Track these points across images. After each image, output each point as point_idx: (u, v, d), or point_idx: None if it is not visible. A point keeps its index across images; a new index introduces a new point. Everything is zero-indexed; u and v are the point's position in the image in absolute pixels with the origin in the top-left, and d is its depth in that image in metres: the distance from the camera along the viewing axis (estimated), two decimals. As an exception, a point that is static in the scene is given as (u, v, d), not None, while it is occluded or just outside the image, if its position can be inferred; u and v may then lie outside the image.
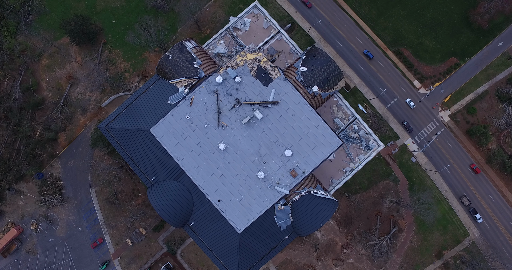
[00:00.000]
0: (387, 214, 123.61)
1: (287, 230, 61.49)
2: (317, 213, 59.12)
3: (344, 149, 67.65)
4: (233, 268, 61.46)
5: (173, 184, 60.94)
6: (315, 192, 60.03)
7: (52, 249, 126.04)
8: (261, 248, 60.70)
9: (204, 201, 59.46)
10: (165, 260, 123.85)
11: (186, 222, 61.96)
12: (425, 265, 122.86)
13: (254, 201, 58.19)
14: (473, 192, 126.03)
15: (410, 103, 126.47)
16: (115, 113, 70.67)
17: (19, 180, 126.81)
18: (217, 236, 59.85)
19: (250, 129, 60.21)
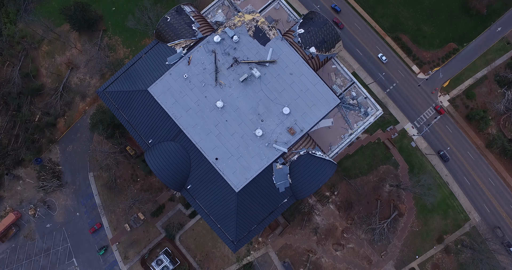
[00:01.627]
0: (387, 199, 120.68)
1: (285, 193, 59.00)
2: (316, 173, 56.68)
3: (342, 116, 65.57)
4: (231, 232, 58.83)
5: (170, 145, 58.71)
6: (314, 152, 57.73)
7: (50, 235, 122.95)
8: (259, 211, 58.12)
9: (201, 161, 57.24)
10: (163, 245, 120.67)
11: (184, 185, 59.60)
12: (426, 250, 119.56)
13: (252, 159, 55.88)
14: (473, 177, 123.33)
15: (382, 57, 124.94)
16: (113, 77, 68.72)
17: (18, 165, 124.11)
18: (215, 198, 57.36)
19: (247, 87, 58.17)
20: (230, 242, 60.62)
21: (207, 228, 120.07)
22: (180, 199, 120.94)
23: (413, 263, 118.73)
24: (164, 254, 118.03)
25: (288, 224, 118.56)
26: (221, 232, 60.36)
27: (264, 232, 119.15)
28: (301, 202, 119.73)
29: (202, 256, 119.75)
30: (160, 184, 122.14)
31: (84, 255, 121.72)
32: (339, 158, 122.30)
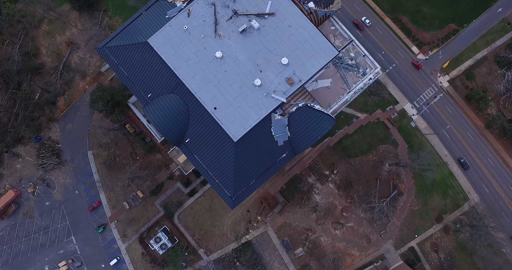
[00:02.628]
0: (386, 178, 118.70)
1: (284, 147, 57.19)
2: (314, 125, 54.88)
3: (341, 76, 63.78)
4: (229, 186, 57.06)
5: (169, 97, 57.00)
6: (312, 105, 56.01)
7: (49, 212, 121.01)
8: (257, 165, 56.34)
9: (199, 111, 55.49)
10: (162, 223, 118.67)
11: (182, 139, 57.88)
12: (425, 229, 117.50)
13: (251, 109, 54.12)
14: (472, 157, 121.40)
15: (366, 20, 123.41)
16: (113, 34, 66.98)
17: (17, 143, 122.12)
18: (213, 150, 55.60)
19: (246, 39, 56.45)
20: (228, 198, 58.88)
21: (206, 207, 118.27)
22: (179, 177, 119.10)
23: (412, 242, 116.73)
24: (162, 232, 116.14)
25: (287, 203, 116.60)
26: (219, 188, 58.57)
27: (263, 211, 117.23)
28: (300, 181, 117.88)
29: (201, 235, 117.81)
30: (159, 162, 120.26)
31: (82, 233, 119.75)
32: (338, 137, 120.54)
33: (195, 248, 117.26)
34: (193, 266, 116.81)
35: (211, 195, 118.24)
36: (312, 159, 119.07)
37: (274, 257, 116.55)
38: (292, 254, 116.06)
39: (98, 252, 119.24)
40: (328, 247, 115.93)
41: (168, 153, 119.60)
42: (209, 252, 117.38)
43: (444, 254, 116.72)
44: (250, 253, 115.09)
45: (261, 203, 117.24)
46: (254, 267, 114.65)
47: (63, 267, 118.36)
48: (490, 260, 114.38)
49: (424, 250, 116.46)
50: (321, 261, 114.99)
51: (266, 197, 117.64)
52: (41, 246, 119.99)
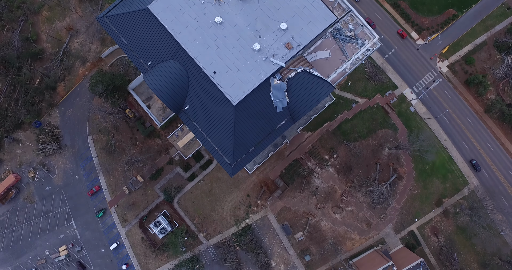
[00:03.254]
0: (386, 162, 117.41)
1: (283, 114, 56.05)
2: (313, 90, 53.67)
3: (340, 48, 62.62)
4: (228, 153, 55.88)
5: (169, 63, 55.90)
6: (311, 71, 54.96)
7: (49, 197, 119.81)
8: (256, 131, 55.19)
9: (199, 77, 54.34)
10: (161, 208, 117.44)
11: (182, 106, 56.90)
12: (425, 213, 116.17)
13: (250, 73, 53.07)
14: (472, 142, 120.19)
15: None
16: (113, 4, 65.97)
17: (17, 128, 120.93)
18: (212, 116, 54.50)
19: (245, 5, 55.43)
20: (227, 165, 57.75)
21: (206, 191, 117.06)
22: (178, 162, 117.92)
23: (412, 226, 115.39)
24: (162, 216, 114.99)
25: (287, 187, 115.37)
26: (218, 156, 57.44)
27: (263, 195, 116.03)
28: (300, 165, 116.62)
29: (201, 219, 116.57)
30: (159, 147, 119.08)
31: (83, 218, 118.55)
32: (337, 122, 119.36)
33: (195, 232, 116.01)
34: (193, 251, 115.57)
35: (211, 179, 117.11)
36: (312, 143, 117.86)
37: (274, 241, 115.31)
38: (292, 238, 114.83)
39: (98, 236, 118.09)
40: (328, 231, 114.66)
41: (168, 138, 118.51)
42: (208, 237, 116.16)
43: (444, 238, 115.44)
44: (250, 237, 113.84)
45: (261, 188, 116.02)
46: (254, 251, 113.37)
47: (64, 251, 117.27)
48: (490, 243, 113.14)
49: (424, 234, 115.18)
50: (321, 245, 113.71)
51: (266, 182, 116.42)
52: (42, 231, 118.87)
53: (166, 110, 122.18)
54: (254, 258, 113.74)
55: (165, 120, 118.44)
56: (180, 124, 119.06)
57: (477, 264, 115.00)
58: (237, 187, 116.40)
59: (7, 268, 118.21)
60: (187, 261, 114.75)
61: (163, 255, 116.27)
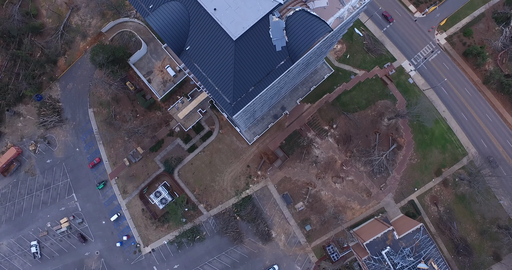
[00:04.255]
0: (385, 132, 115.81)
1: (282, 54, 54.78)
2: (311, 28, 51.96)
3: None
4: (228, 91, 54.45)
5: (170, 4, 54.73)
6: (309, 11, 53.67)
7: (50, 170, 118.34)
8: (256, 69, 53.87)
9: (200, 16, 53.08)
10: (162, 179, 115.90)
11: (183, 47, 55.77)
12: (424, 182, 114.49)
13: (249, 10, 51.86)
14: (470, 113, 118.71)
15: None
16: None
17: (18, 102, 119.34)
18: (212, 55, 53.06)
19: None
20: (228, 105, 56.34)
21: (206, 162, 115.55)
22: (179, 134, 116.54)
23: (412, 196, 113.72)
24: (162, 187, 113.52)
25: (287, 157, 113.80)
26: (218, 96, 56.01)
27: (263, 166, 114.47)
28: (300, 136, 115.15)
29: (201, 190, 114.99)
30: (159, 119, 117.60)
31: (83, 190, 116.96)
32: (337, 94, 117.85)
33: (195, 203, 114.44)
34: (193, 222, 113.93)
35: (211, 150, 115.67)
36: (311, 114, 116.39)
37: (275, 212, 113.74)
38: (293, 209, 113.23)
39: (98, 208, 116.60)
40: (328, 201, 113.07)
41: (168, 110, 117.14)
42: (209, 208, 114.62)
43: (444, 207, 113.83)
44: (250, 208, 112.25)
45: (261, 158, 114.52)
46: (255, 221, 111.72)
47: (65, 223, 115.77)
48: (488, 211, 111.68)
49: (424, 203, 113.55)
50: (322, 215, 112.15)
51: (266, 153, 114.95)
52: (43, 203, 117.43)
53: (166, 84, 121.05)
54: (254, 228, 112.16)
55: (165, 92, 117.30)
56: (180, 96, 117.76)
57: (476, 232, 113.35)
58: (237, 158, 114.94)
59: (10, 240, 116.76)
60: (187, 232, 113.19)
61: (164, 227, 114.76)
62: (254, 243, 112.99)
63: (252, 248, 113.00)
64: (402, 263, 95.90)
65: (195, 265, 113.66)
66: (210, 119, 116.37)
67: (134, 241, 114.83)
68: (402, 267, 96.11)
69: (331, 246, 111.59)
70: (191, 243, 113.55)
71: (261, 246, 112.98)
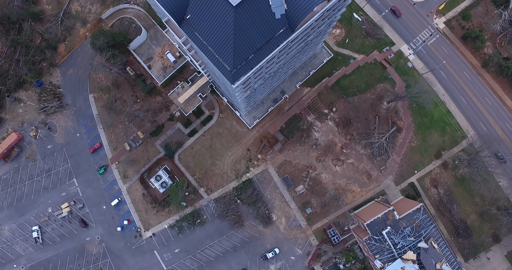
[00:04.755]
0: (385, 116, 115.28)
1: (281, 22, 54.46)
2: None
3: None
4: (228, 59, 53.86)
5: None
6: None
7: (51, 156, 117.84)
8: (255, 37, 53.45)
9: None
10: (162, 163, 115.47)
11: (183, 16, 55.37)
12: (424, 165, 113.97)
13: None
14: (469, 96, 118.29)
15: None
16: None
17: (19, 88, 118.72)
18: (212, 23, 52.61)
19: None
20: (228, 72, 55.82)
21: (206, 146, 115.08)
22: (179, 118, 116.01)
23: (412, 178, 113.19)
24: (163, 171, 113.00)
25: (287, 141, 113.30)
26: (219, 63, 55.54)
27: (263, 149, 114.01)
28: (300, 120, 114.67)
29: (201, 174, 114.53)
30: (160, 104, 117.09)
31: (84, 175, 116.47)
32: (336, 78, 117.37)
33: (196, 187, 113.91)
34: (194, 206, 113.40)
35: (211, 134, 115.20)
36: (311, 98, 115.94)
37: (275, 195, 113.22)
38: (293, 192, 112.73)
39: (99, 193, 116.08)
40: (329, 184, 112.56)
41: (168, 95, 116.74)
42: (209, 191, 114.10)
43: (443, 190, 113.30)
44: (250, 191, 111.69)
45: (261, 142, 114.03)
46: (255, 204, 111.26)
47: (66, 209, 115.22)
48: (488, 192, 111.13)
49: (424, 186, 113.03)
50: (322, 198, 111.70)
51: (266, 136, 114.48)
52: (44, 189, 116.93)
53: (166, 70, 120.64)
54: (255, 212, 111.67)
55: (165, 78, 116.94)
56: (180, 81, 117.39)
57: (476, 214, 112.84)
58: (237, 141, 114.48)
59: (12, 225, 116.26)
60: (188, 216, 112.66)
61: (164, 211, 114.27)
62: (254, 227, 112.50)
63: (252, 232, 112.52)
64: (403, 242, 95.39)
65: (196, 249, 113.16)
66: (210, 104, 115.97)
67: (135, 226, 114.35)
68: (403, 246, 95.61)
69: (332, 228, 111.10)
70: (191, 227, 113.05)
71: (261, 229, 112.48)
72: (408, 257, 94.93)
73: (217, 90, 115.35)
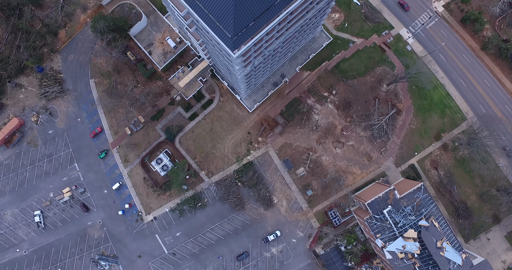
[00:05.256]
0: (385, 98, 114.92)
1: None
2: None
3: None
4: (229, 26, 53.66)
5: None
6: None
7: (52, 141, 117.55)
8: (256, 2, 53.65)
9: None
10: (163, 147, 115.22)
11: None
12: (424, 147, 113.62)
13: None
14: (469, 79, 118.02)
15: None
16: None
17: (20, 73, 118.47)
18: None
19: None
20: (228, 39, 55.64)
21: (207, 130, 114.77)
22: (179, 102, 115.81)
23: (412, 160, 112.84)
24: (164, 154, 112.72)
25: (288, 124, 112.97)
26: (220, 31, 55.39)
27: (263, 132, 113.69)
28: (300, 103, 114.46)
29: (202, 157, 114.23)
30: (160, 89, 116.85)
31: (85, 160, 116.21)
32: (335, 61, 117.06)
33: (197, 171, 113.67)
34: (195, 189, 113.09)
35: (212, 118, 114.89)
36: (311, 82, 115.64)
37: (276, 177, 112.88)
38: (294, 174, 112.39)
39: (100, 178, 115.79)
40: (329, 166, 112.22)
41: (169, 80, 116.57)
42: (210, 174, 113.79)
43: (444, 171, 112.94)
44: (251, 173, 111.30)
45: (262, 125, 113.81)
46: (256, 186, 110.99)
47: (67, 193, 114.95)
48: (487, 172, 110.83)
49: (424, 167, 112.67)
50: (323, 180, 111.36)
51: (266, 120, 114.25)
52: (46, 174, 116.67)
53: (167, 56, 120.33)
54: (256, 194, 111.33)
55: (166, 62, 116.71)
56: (181, 66, 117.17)
57: (476, 195, 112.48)
58: (238, 125, 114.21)
59: (14, 210, 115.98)
60: (189, 199, 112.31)
61: (165, 195, 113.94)
62: (255, 209, 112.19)
63: (254, 215, 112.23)
64: (404, 221, 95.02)
65: (197, 232, 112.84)
66: (211, 88, 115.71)
67: (136, 210, 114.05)
68: (404, 225, 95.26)
69: (333, 210, 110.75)
70: (192, 211, 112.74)
71: (262, 212, 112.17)
72: (409, 236, 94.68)
73: (218, 74, 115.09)
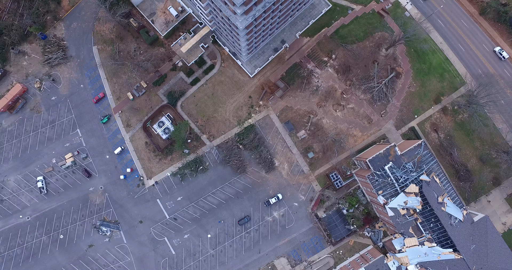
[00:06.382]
0: (384, 62, 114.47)
1: None
2: None
3: None
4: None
5: None
6: None
7: (55, 107, 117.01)
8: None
9: None
10: (165, 112, 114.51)
11: None
12: (424, 110, 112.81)
13: None
14: (467, 44, 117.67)
15: None
16: None
17: (23, 40, 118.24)
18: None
19: None
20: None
21: (209, 94, 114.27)
22: (181, 68, 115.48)
23: (412, 122, 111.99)
24: (166, 118, 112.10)
25: (288, 87, 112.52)
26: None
27: (264, 96, 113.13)
28: (300, 67, 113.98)
29: (204, 121, 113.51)
30: (163, 55, 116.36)
31: (87, 125, 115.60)
32: (335, 28, 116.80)
33: (198, 134, 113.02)
34: (196, 153, 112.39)
35: (213, 83, 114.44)
36: (311, 47, 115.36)
37: (277, 140, 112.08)
38: (295, 137, 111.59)
39: (102, 143, 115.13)
40: (330, 129, 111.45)
41: (171, 47, 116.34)
42: (212, 138, 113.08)
43: (444, 134, 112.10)
44: (252, 136, 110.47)
45: (263, 89, 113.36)
46: (257, 148, 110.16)
47: (69, 159, 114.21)
48: (487, 135, 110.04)
49: (424, 130, 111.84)
50: (324, 142, 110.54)
51: (267, 84, 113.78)
52: (48, 140, 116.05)
53: (169, 25, 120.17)
54: (257, 157, 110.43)
55: (168, 29, 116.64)
56: (183, 33, 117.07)
57: (476, 158, 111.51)
58: (239, 89, 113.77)
59: (17, 176, 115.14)
60: (190, 163, 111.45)
61: (167, 159, 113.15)
62: (257, 173, 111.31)
63: (255, 178, 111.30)
64: (405, 176, 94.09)
65: (199, 196, 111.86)
66: (212, 54, 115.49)
67: (138, 174, 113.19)
68: (405, 180, 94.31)
69: (335, 172, 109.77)
70: (194, 174, 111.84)
71: (264, 175, 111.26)
72: (411, 190, 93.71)
73: (219, 40, 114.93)
